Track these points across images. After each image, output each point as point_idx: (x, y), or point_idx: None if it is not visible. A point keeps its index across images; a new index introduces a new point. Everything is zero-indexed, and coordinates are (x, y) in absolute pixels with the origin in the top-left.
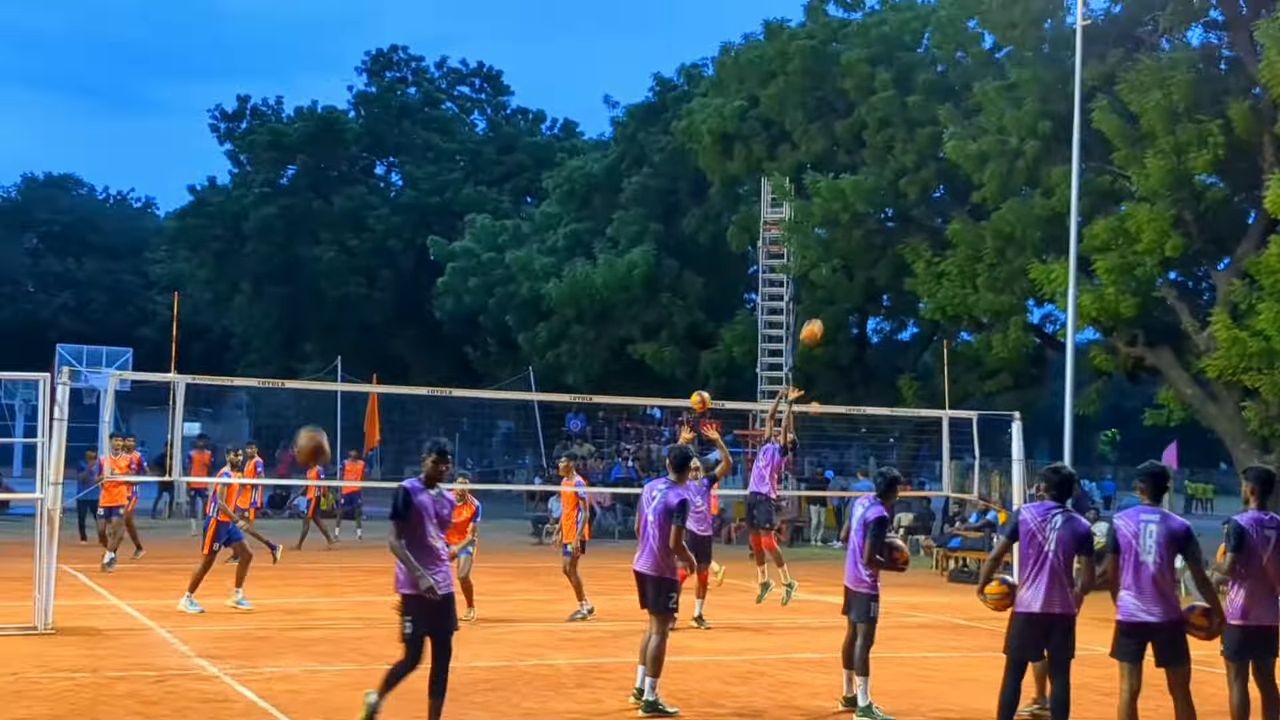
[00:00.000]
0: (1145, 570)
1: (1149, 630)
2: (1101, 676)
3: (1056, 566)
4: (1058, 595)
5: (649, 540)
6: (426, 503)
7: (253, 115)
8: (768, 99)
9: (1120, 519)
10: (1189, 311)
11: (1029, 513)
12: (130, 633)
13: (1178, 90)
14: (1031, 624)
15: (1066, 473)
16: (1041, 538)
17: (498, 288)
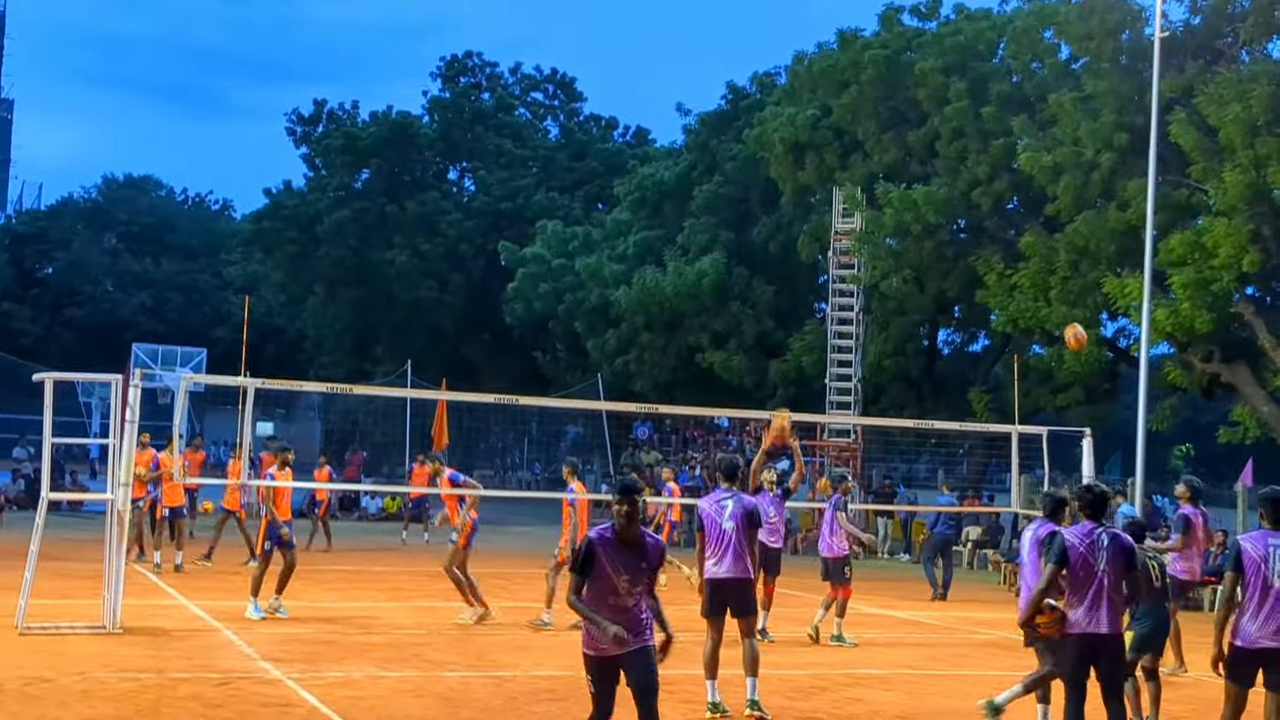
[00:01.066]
0: (1272, 594)
1: (1268, 655)
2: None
3: (1107, 586)
4: (1109, 615)
5: (730, 548)
6: (608, 555)
7: (328, 119)
8: (840, 108)
9: (1248, 541)
10: (1266, 328)
11: (1074, 536)
12: (196, 634)
13: (1257, 103)
14: (1086, 645)
15: (1099, 490)
16: (1091, 559)
17: (567, 294)
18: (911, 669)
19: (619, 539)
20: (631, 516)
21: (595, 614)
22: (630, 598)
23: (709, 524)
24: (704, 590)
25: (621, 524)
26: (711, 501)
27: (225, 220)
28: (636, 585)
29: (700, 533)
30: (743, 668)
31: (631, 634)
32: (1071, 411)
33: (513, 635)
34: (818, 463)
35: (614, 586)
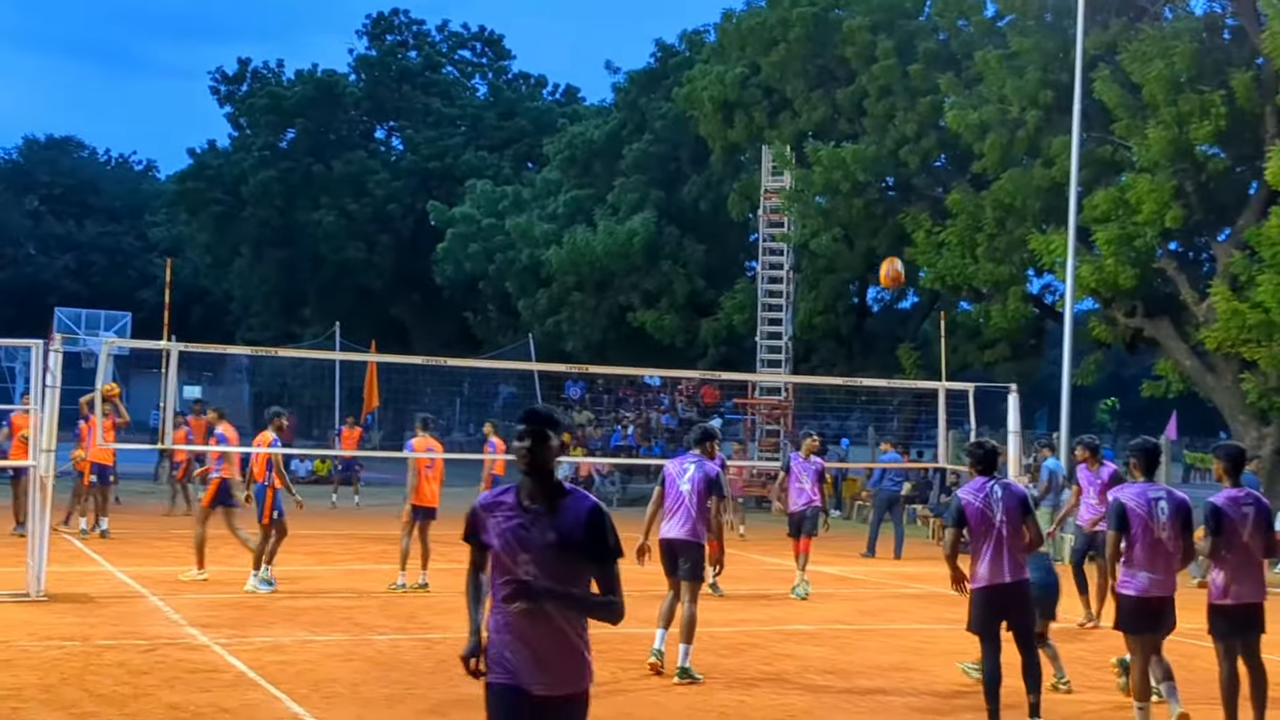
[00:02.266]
0: (1159, 545)
1: (1160, 604)
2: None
3: (1005, 535)
4: (1010, 564)
5: (683, 510)
6: (499, 523)
7: (253, 78)
8: (769, 66)
9: (1128, 498)
10: (1188, 283)
11: (967, 494)
12: (122, 600)
13: (1180, 60)
14: (993, 596)
15: (990, 446)
16: (989, 512)
17: (498, 254)
18: (841, 624)
19: (520, 499)
20: (535, 458)
21: (475, 611)
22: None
23: (669, 484)
24: (660, 549)
25: (523, 471)
26: (676, 464)
27: (149, 181)
28: (548, 572)
29: (660, 489)
30: (680, 631)
31: (534, 668)
32: (998, 367)
33: (443, 598)
34: (749, 420)
35: (509, 571)
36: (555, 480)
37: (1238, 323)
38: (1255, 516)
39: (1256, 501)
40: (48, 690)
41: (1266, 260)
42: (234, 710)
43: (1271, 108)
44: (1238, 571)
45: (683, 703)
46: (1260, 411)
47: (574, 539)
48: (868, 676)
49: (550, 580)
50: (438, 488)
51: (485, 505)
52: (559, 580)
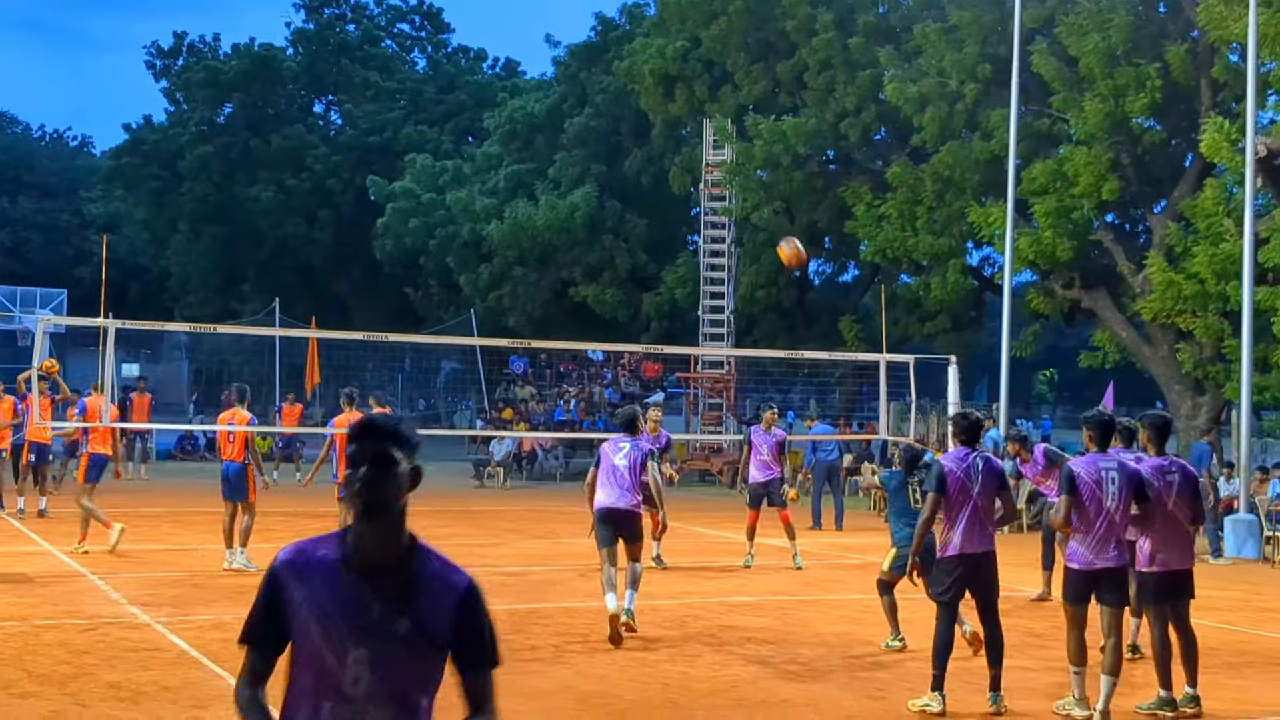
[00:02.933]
0: (1105, 516)
1: (1102, 576)
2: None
3: (981, 507)
4: (982, 535)
5: (618, 482)
6: (318, 601)
7: (189, 52)
8: (710, 40)
9: (1079, 467)
10: (1125, 254)
11: (950, 462)
12: (61, 580)
13: (1116, 33)
14: (963, 564)
15: (975, 418)
16: (968, 482)
17: (439, 229)
18: (783, 595)
19: (348, 557)
20: (376, 494)
21: None
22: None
23: (604, 461)
24: (594, 523)
25: (357, 514)
26: (611, 444)
27: (85, 157)
28: (391, 679)
29: (595, 467)
30: (627, 583)
31: None
32: (939, 339)
33: None
34: (691, 394)
35: (329, 676)
36: (405, 532)
37: (1173, 293)
38: (1180, 485)
39: (1182, 470)
40: None
41: (1201, 232)
42: (176, 688)
43: (1206, 80)
44: (1165, 539)
45: (626, 675)
46: (1195, 381)
47: (435, 632)
48: (810, 646)
49: (392, 692)
50: None
51: (290, 563)
52: (404, 691)
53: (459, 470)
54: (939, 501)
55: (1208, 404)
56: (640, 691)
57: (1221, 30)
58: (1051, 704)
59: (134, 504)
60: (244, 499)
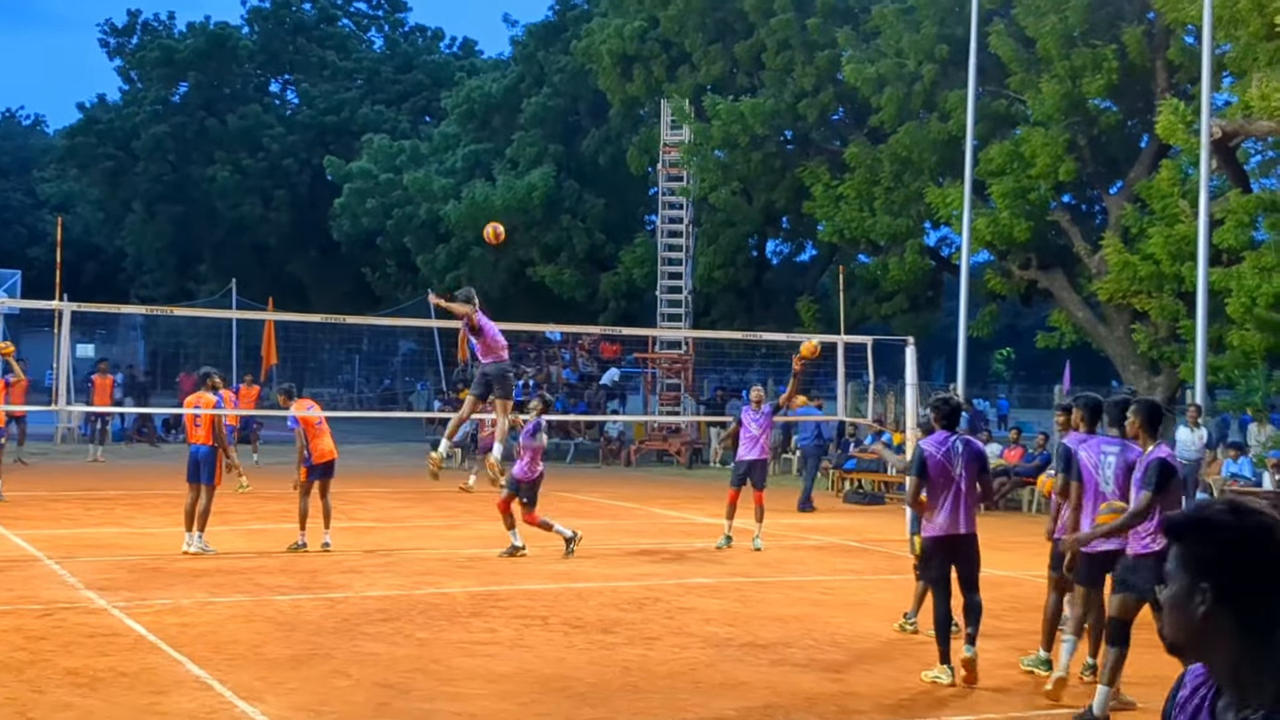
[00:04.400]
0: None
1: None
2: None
3: (964, 489)
4: (965, 516)
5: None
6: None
7: (143, 30)
8: (668, 20)
9: (1081, 449)
10: (1081, 235)
11: (930, 445)
12: (16, 564)
13: (1073, 14)
14: (947, 545)
15: (955, 403)
16: (949, 465)
17: (396, 209)
18: (742, 577)
19: None
20: None
21: None
22: None
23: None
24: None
25: None
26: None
27: (38, 136)
28: None
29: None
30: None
31: None
32: (897, 319)
33: (344, 558)
34: (649, 374)
35: None
36: None
37: (1129, 274)
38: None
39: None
40: None
41: (1157, 213)
42: (134, 674)
43: (1162, 61)
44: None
45: (585, 658)
46: (1151, 361)
47: None
48: (769, 629)
49: None
50: (332, 443)
51: None
52: None
53: (417, 451)
54: (921, 485)
55: (1163, 384)
56: (599, 674)
57: (1177, 13)
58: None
59: (90, 486)
60: (209, 482)
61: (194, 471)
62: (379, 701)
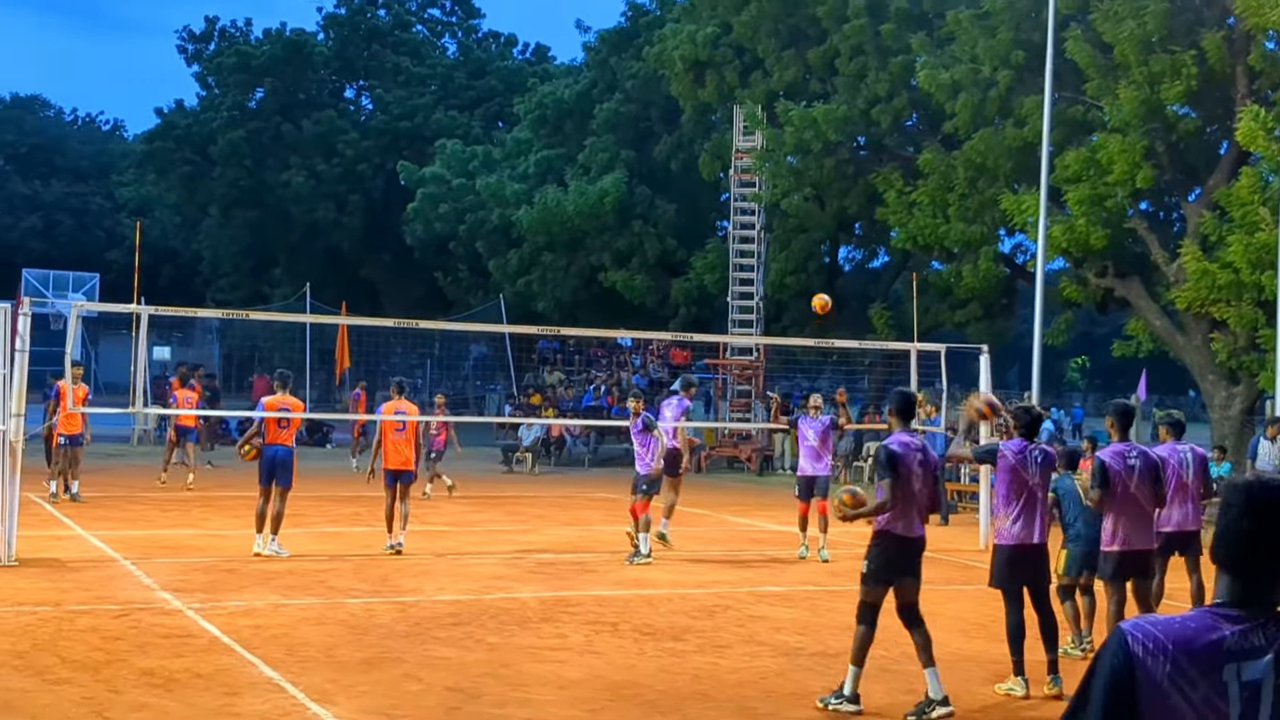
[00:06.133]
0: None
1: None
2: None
3: (1039, 498)
4: (1040, 526)
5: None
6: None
7: (221, 37)
8: (741, 26)
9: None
10: (1159, 243)
11: (1008, 449)
12: (94, 565)
13: (1152, 20)
14: (1020, 554)
15: (1036, 413)
16: (1025, 472)
17: (468, 214)
18: (813, 585)
19: None
20: None
21: None
22: None
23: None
24: None
25: None
26: None
27: (117, 141)
28: None
29: None
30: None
31: None
32: (970, 327)
33: (414, 560)
34: (720, 380)
35: None
36: None
37: (1208, 283)
38: (1141, 469)
39: (1142, 455)
40: (20, 656)
41: (1236, 220)
42: (208, 675)
43: (1242, 67)
44: (1127, 519)
45: (655, 665)
46: (1230, 371)
47: None
48: (840, 638)
49: None
50: (410, 451)
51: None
52: None
53: (488, 456)
54: (969, 458)
55: (1242, 394)
56: (670, 681)
57: (1258, 18)
58: None
59: (166, 489)
60: (287, 485)
61: (267, 474)
62: (449, 706)
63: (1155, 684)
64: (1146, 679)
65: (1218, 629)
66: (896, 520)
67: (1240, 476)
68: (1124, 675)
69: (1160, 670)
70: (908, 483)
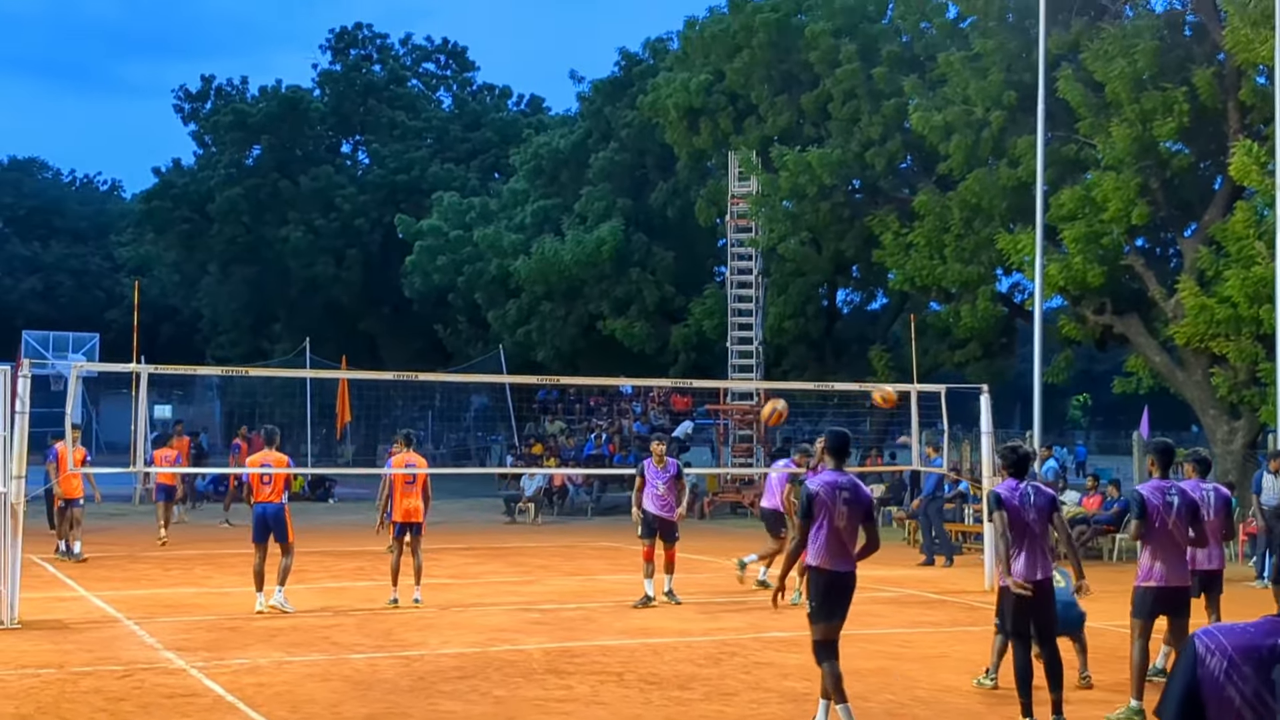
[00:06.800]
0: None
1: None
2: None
3: (1038, 534)
4: (1042, 561)
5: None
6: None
7: (217, 95)
8: (733, 73)
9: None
10: (1156, 279)
11: (1004, 491)
12: (97, 625)
13: (1142, 58)
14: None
15: (1023, 451)
16: (1023, 512)
17: (466, 266)
18: None
19: None
20: None
21: None
22: None
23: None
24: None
25: None
26: None
27: (115, 201)
28: None
29: None
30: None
31: None
32: (970, 367)
33: (418, 614)
34: (721, 425)
35: None
36: None
37: (1206, 318)
38: (1180, 505)
39: (1181, 492)
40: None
41: (1233, 255)
42: None
43: (1234, 103)
44: (1164, 555)
45: (661, 714)
46: (1231, 405)
47: None
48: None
49: None
50: (420, 503)
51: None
52: None
53: (491, 506)
54: (1006, 524)
55: (1243, 428)
56: None
57: (1248, 53)
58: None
59: (169, 546)
60: (283, 540)
61: (260, 531)
62: None
63: (1214, 679)
64: (1207, 675)
65: (1274, 635)
66: (823, 556)
67: None
68: (1191, 672)
69: (1219, 667)
70: (830, 521)
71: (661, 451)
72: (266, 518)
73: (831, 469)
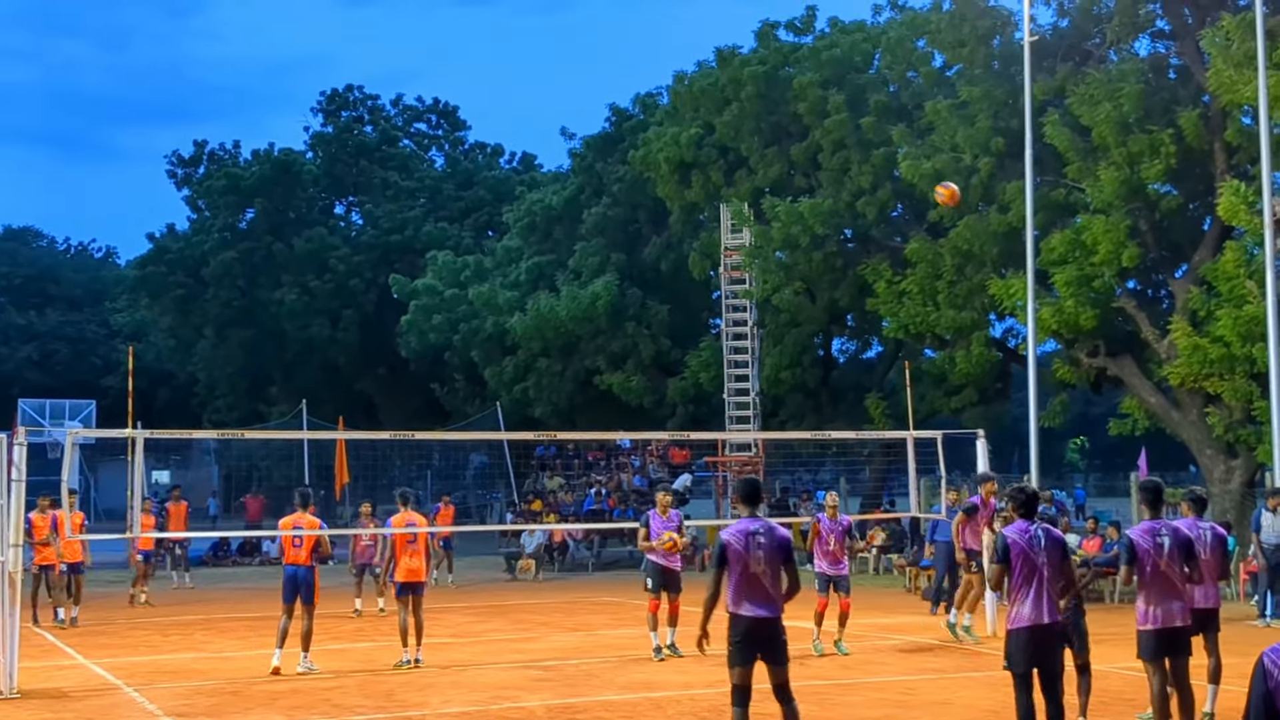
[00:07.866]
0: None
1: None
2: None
3: (1047, 577)
4: (1049, 605)
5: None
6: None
7: (210, 160)
8: (723, 126)
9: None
10: (1149, 320)
11: (1013, 533)
12: (97, 694)
13: (1128, 101)
14: (1033, 636)
15: (1031, 491)
16: (1032, 554)
17: (462, 324)
18: (821, 679)
19: None
20: None
21: None
22: None
23: None
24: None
25: None
26: None
27: (109, 267)
28: None
29: None
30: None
31: None
32: (966, 413)
33: (419, 674)
34: (720, 477)
35: None
36: None
37: (1199, 358)
38: (1171, 545)
39: (1174, 532)
40: None
41: (1224, 295)
42: None
43: (1220, 144)
44: (1159, 597)
45: None
46: (1227, 444)
47: None
48: None
49: None
50: (422, 562)
51: None
52: None
53: (491, 564)
54: (1004, 572)
55: (1240, 467)
56: None
57: (1232, 94)
58: None
59: (168, 612)
60: (310, 602)
61: (290, 592)
62: None
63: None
64: (1276, 685)
65: None
66: (741, 602)
67: None
68: (1261, 683)
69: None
70: (745, 568)
71: (668, 502)
72: (297, 579)
73: (746, 515)
